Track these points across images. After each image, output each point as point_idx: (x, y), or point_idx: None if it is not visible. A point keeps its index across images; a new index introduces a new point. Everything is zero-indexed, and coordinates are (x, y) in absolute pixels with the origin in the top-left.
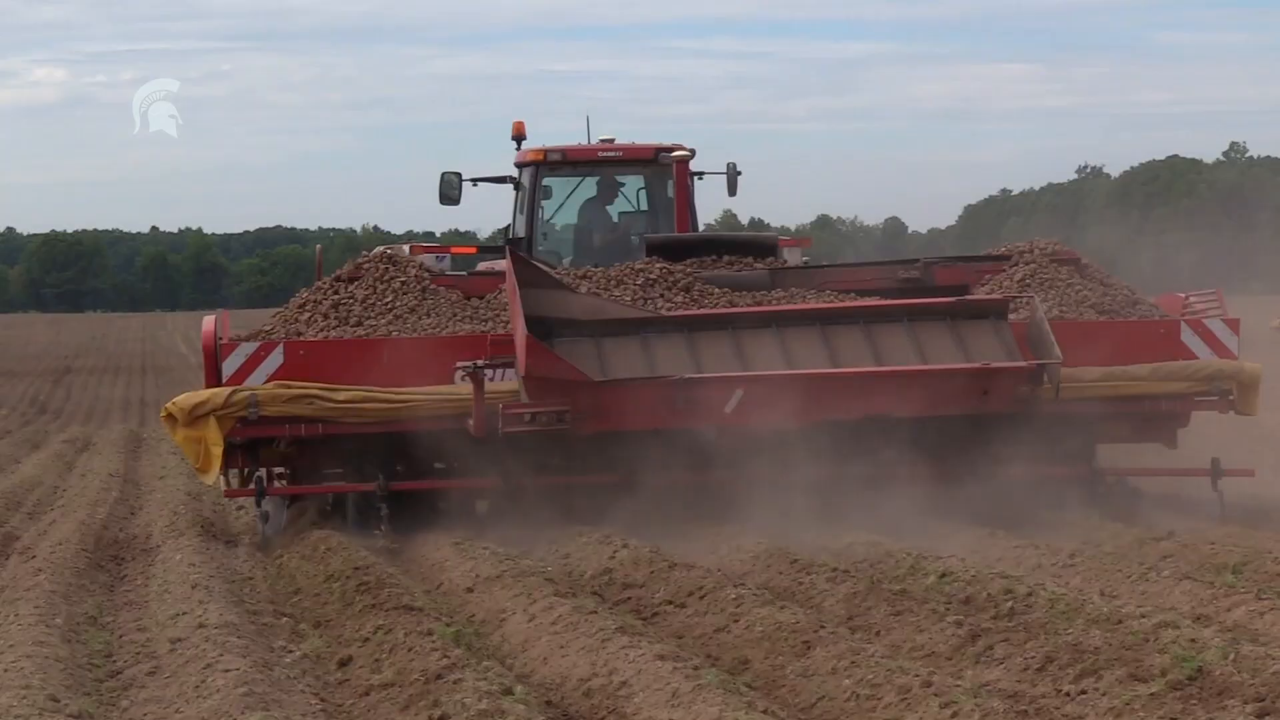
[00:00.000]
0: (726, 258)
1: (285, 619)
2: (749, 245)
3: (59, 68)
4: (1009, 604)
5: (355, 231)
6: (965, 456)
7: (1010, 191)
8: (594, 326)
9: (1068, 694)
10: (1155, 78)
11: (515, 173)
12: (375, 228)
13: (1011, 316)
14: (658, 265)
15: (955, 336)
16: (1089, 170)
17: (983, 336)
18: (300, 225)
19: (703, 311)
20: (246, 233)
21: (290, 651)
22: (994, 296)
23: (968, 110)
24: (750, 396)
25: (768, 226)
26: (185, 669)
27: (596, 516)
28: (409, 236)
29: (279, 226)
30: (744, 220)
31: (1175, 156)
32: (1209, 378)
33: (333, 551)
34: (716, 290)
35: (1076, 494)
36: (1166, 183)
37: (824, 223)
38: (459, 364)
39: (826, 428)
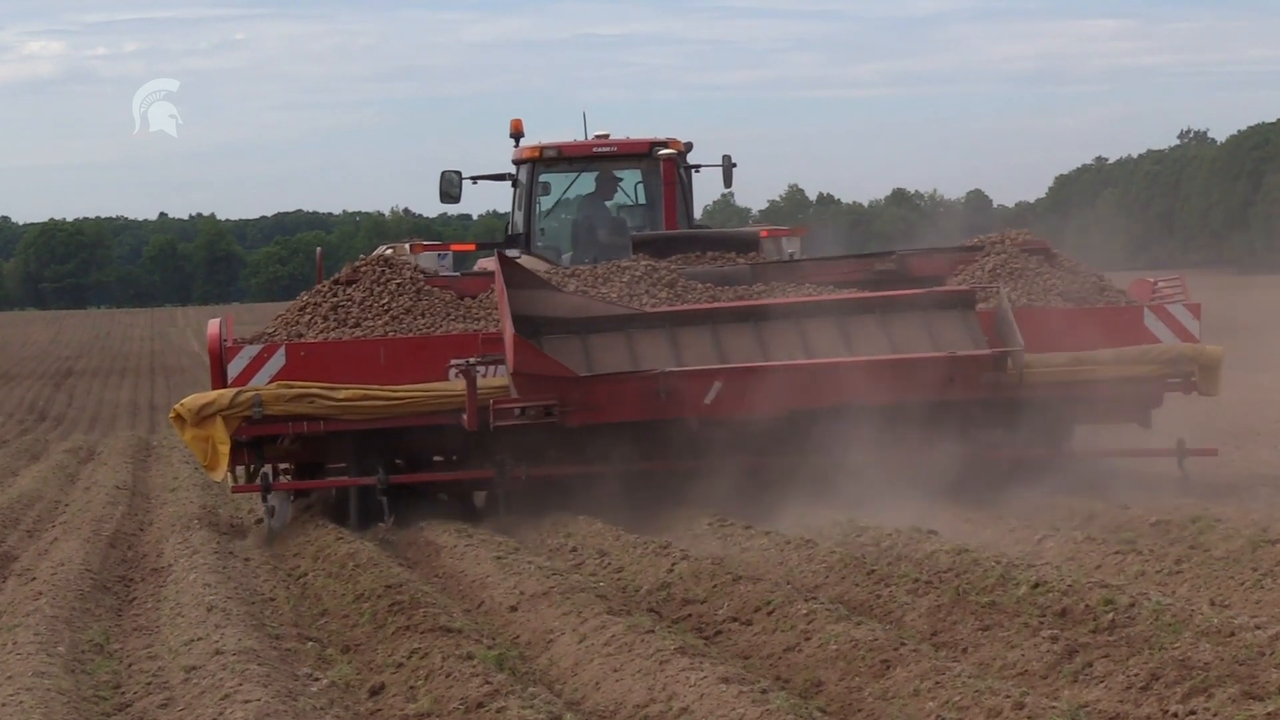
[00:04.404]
0: (710, 253)
1: (311, 643)
2: (732, 241)
3: (56, 39)
4: (1109, 616)
5: (384, 215)
6: (936, 438)
7: (1105, 160)
8: (579, 324)
9: (1175, 714)
10: (1261, 31)
11: (513, 169)
12: (405, 210)
13: (980, 306)
14: (643, 262)
15: (925, 326)
16: (1191, 135)
17: (951, 326)
18: (323, 209)
19: (683, 307)
20: (264, 218)
21: (316, 679)
22: (961, 287)
23: (1055, 71)
24: (728, 388)
25: (836, 202)
26: (201, 700)
27: (583, 503)
28: (442, 220)
29: (299, 211)
30: (811, 196)
31: None
32: (1171, 361)
33: (362, 569)
34: (700, 285)
35: (1052, 476)
36: (1278, 147)
37: (900, 197)
38: (452, 362)
39: (804, 416)
